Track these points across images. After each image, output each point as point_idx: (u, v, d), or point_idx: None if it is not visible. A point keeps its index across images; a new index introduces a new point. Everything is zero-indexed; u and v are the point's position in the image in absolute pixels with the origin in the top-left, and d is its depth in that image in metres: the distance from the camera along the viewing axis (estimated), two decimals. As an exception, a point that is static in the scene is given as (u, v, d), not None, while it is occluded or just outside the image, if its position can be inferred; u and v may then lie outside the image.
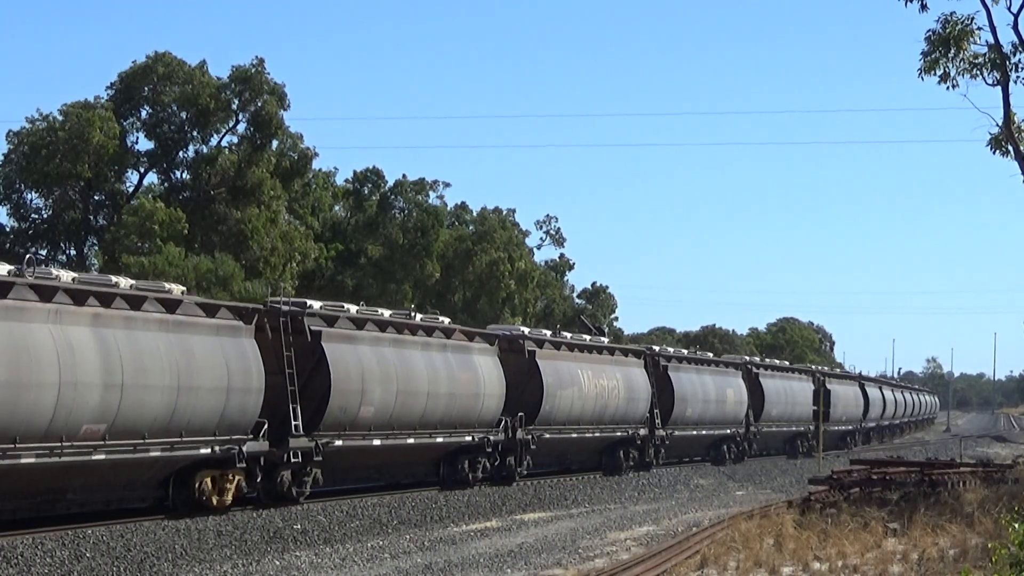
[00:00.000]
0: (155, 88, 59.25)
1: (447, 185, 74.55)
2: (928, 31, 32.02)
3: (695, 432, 52.52)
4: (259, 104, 59.27)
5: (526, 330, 42.75)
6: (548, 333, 43.57)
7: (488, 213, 77.78)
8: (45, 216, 60.26)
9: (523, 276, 76.95)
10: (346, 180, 75.30)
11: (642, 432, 47.04)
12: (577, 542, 26.85)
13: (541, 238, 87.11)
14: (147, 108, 60.05)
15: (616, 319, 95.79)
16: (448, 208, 75.23)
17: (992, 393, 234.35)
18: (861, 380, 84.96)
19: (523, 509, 33.78)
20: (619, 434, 45.51)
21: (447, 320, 37.88)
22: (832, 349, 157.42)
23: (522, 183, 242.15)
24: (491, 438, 37.28)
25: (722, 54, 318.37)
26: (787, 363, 73.91)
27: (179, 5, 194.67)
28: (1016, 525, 14.71)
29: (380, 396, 32.14)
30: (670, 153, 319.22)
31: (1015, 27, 32.04)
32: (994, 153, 33.34)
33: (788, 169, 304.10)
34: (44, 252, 60.32)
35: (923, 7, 32.11)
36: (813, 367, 76.77)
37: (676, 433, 50.14)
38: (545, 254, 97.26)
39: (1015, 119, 32.71)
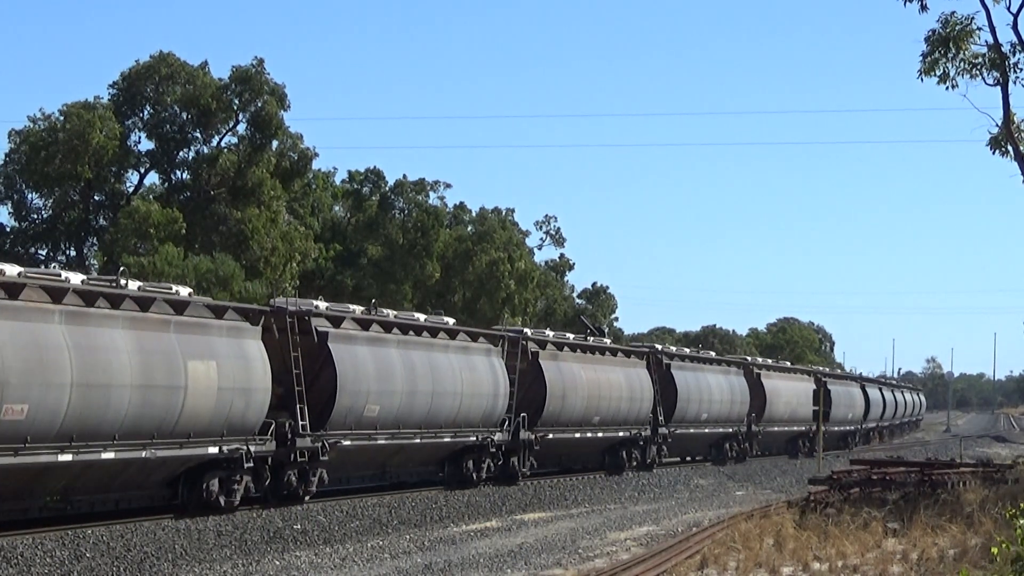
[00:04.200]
0: (157, 88, 59.24)
1: (447, 186, 74.58)
2: (928, 31, 32.10)
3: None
4: (259, 104, 59.25)
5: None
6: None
7: (488, 213, 77.74)
8: (45, 216, 60.29)
9: (523, 276, 76.88)
10: (343, 180, 75.32)
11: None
12: (577, 542, 26.84)
13: (541, 238, 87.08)
14: (149, 108, 60.04)
15: (616, 319, 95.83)
16: (448, 208, 75.24)
17: (992, 393, 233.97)
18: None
19: (523, 509, 33.76)
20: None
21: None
22: (832, 349, 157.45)
23: (522, 183, 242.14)
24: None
25: (722, 54, 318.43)
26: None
27: (179, 5, 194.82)
28: (1022, 521, 14.60)
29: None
30: (670, 153, 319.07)
31: (1015, 27, 32.09)
32: (994, 153, 33.41)
33: (788, 169, 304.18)
34: (44, 252, 60.38)
35: (923, 7, 32.19)
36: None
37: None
38: (545, 254, 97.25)
39: (1015, 119, 32.75)
